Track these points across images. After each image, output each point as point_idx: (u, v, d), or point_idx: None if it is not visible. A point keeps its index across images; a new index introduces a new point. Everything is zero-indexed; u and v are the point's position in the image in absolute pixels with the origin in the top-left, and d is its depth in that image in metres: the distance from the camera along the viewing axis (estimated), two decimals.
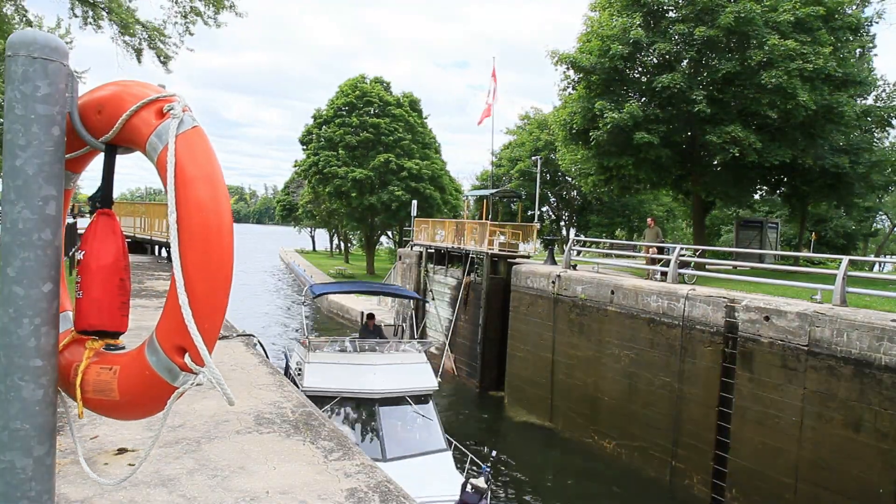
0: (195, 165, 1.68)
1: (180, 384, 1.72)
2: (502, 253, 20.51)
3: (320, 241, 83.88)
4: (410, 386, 10.80)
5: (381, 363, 11.07)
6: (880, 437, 9.37)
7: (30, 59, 1.65)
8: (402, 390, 10.67)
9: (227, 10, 15.87)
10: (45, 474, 1.74)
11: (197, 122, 1.75)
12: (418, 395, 10.83)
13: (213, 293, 1.66)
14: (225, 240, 1.68)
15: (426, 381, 11.07)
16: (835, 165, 18.18)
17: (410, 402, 10.72)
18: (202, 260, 1.64)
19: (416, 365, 11.32)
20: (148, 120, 1.74)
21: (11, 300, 1.67)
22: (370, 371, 10.74)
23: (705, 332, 12.23)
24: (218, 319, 1.69)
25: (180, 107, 1.73)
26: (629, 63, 18.95)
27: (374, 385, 10.41)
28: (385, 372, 10.82)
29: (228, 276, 1.70)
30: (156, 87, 1.81)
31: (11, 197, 1.67)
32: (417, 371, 11.18)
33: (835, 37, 17.31)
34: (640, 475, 13.16)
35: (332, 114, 43.19)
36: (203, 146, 1.73)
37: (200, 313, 1.64)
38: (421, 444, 10.47)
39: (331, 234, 70.98)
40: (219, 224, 1.67)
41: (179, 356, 1.67)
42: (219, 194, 1.69)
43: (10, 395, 1.68)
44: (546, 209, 46.17)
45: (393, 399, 10.57)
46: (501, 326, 19.42)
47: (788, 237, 36.26)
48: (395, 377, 10.83)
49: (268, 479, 3.44)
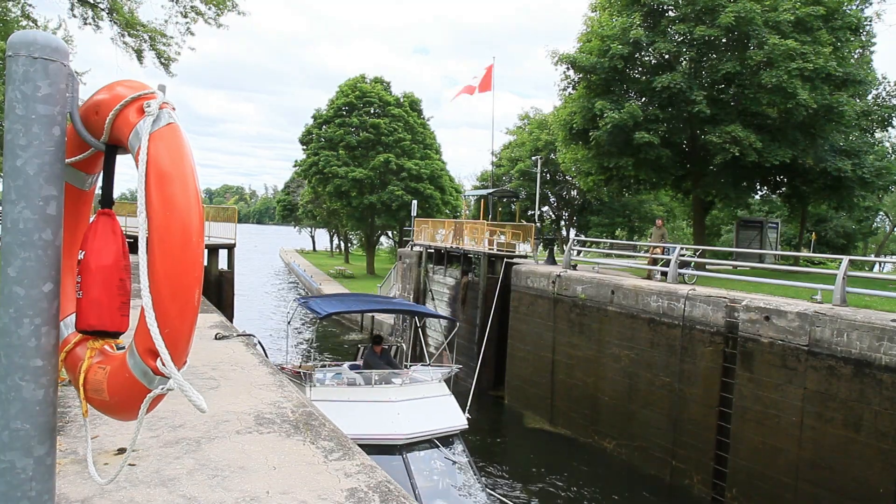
0: (167, 163, 1.65)
1: (154, 388, 1.69)
2: (499, 253, 20.52)
3: (320, 241, 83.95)
4: (439, 426, 9.17)
5: (402, 399, 9.24)
6: (880, 437, 9.37)
7: (30, 59, 1.65)
8: (430, 432, 9.05)
9: (231, 11, 15.88)
10: (46, 474, 1.74)
11: (173, 119, 1.72)
12: (447, 435, 9.28)
13: (182, 294, 1.62)
14: (194, 240, 1.64)
15: (454, 419, 9.41)
16: (837, 169, 18.12)
17: (439, 444, 9.11)
18: (170, 260, 1.60)
19: (441, 398, 9.66)
20: (129, 118, 1.73)
21: (12, 300, 1.67)
22: (392, 410, 9.00)
23: (705, 332, 12.24)
24: (186, 321, 1.64)
25: (157, 104, 1.70)
26: (629, 63, 18.95)
27: (398, 429, 8.73)
28: (408, 410, 9.10)
29: (197, 277, 1.65)
30: (141, 85, 1.79)
31: (12, 197, 1.68)
32: (443, 406, 9.52)
33: (835, 36, 17.32)
34: (641, 475, 13.16)
35: (332, 114, 43.22)
36: (175, 144, 1.69)
37: (167, 315, 1.60)
38: (458, 498, 8.82)
39: (331, 234, 71.02)
40: (188, 224, 1.63)
41: (153, 360, 1.64)
42: (189, 193, 1.65)
43: (10, 395, 1.68)
44: (546, 209, 46.17)
45: (421, 443, 8.95)
46: (499, 326, 19.45)
47: (788, 237, 36.26)
48: (421, 416, 9.12)
49: (268, 479, 3.44)
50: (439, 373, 10.42)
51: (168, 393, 1.72)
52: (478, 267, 20.42)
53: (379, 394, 9.30)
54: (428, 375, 10.29)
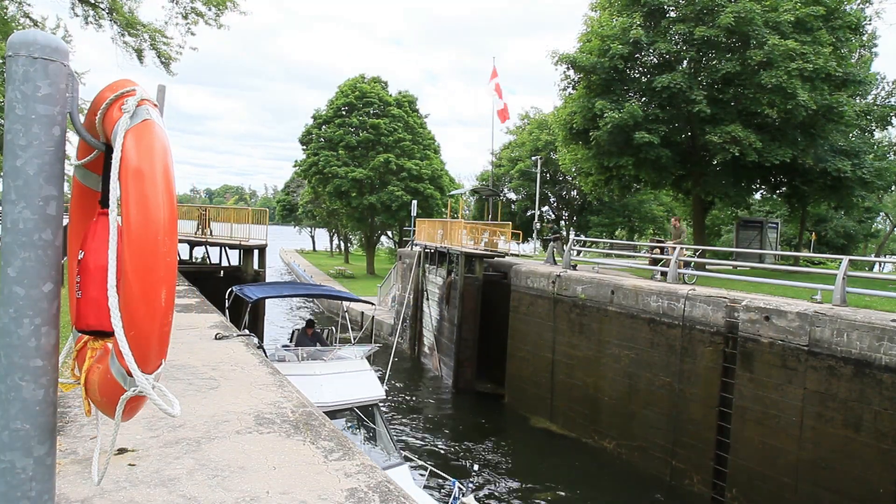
0: (138, 160, 1.61)
1: (129, 388, 1.67)
2: (476, 252, 20.44)
3: (320, 241, 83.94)
4: (358, 396, 10.02)
5: (325, 373, 10.18)
6: (880, 437, 9.37)
7: (30, 59, 1.65)
8: (350, 401, 9.89)
9: (232, 11, 15.88)
10: (46, 474, 1.74)
11: (149, 116, 1.68)
12: (365, 405, 10.12)
13: (149, 294, 1.58)
14: (162, 237, 1.60)
15: (373, 391, 10.29)
16: (837, 169, 18.11)
17: (359, 413, 10.02)
18: (138, 259, 1.57)
19: (361, 373, 10.56)
20: (113, 116, 1.72)
21: (12, 300, 1.67)
22: (316, 382, 9.79)
23: (705, 332, 12.24)
24: (154, 321, 1.60)
25: (135, 101, 1.68)
26: (629, 63, 18.96)
27: (321, 398, 9.48)
28: (331, 382, 9.99)
29: (167, 277, 1.61)
30: (126, 83, 1.78)
31: (12, 197, 1.67)
32: (363, 379, 10.44)
33: (835, 36, 17.32)
34: (641, 475, 13.16)
35: (331, 114, 43.25)
36: (149, 140, 1.65)
37: (134, 315, 1.57)
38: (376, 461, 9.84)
39: (331, 234, 71.02)
40: (157, 221, 1.59)
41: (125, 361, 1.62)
42: (159, 191, 1.61)
43: (10, 395, 1.68)
44: (546, 209, 46.20)
45: (340, 412, 9.80)
46: (476, 326, 19.51)
47: (788, 237, 36.28)
48: (342, 387, 10.00)
49: (268, 479, 3.44)
50: (361, 351, 11.28)
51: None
52: (457, 266, 20.39)
53: (305, 368, 10.22)
54: (351, 353, 11.13)
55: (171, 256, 1.62)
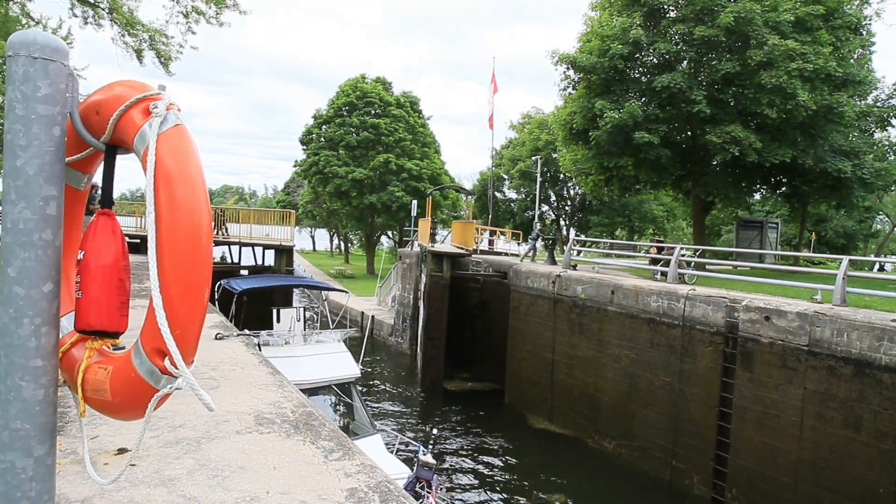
0: (174, 165, 1.65)
1: (162, 387, 1.69)
2: (443, 251, 20.41)
3: (320, 241, 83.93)
4: (334, 375, 11.02)
5: (305, 354, 11.22)
6: (880, 437, 9.37)
7: (30, 59, 1.65)
8: (328, 379, 10.88)
9: (232, 10, 15.88)
10: (46, 474, 1.74)
11: (180, 121, 1.73)
12: (342, 383, 11.11)
13: (191, 294, 1.63)
14: (203, 240, 1.65)
15: (349, 369, 11.28)
16: (836, 170, 18.10)
17: (336, 390, 11.04)
18: (179, 260, 1.61)
19: (338, 354, 11.53)
20: (135, 119, 1.73)
21: (12, 300, 1.67)
22: (297, 362, 10.81)
23: (705, 332, 12.23)
24: (195, 321, 1.66)
25: (164, 105, 1.71)
26: (629, 63, 18.96)
27: (302, 376, 10.48)
28: (310, 362, 11.01)
29: (206, 277, 1.67)
30: (145, 86, 1.79)
31: (12, 197, 1.67)
32: (339, 359, 11.42)
33: (835, 36, 17.32)
34: (640, 475, 13.16)
35: (332, 114, 43.24)
36: (183, 145, 1.70)
37: (177, 315, 1.61)
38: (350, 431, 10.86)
39: (331, 234, 71.02)
40: (197, 224, 1.64)
41: (160, 359, 1.65)
42: (198, 194, 1.67)
43: (10, 395, 1.68)
44: (546, 209, 46.20)
45: (319, 389, 10.83)
46: (443, 325, 19.56)
47: (788, 237, 36.28)
48: (320, 367, 11.01)
49: (268, 479, 3.44)
50: (338, 334, 12.36)
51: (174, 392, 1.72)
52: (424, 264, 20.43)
53: (287, 351, 11.23)
54: (329, 337, 12.19)
55: (210, 258, 1.69)
